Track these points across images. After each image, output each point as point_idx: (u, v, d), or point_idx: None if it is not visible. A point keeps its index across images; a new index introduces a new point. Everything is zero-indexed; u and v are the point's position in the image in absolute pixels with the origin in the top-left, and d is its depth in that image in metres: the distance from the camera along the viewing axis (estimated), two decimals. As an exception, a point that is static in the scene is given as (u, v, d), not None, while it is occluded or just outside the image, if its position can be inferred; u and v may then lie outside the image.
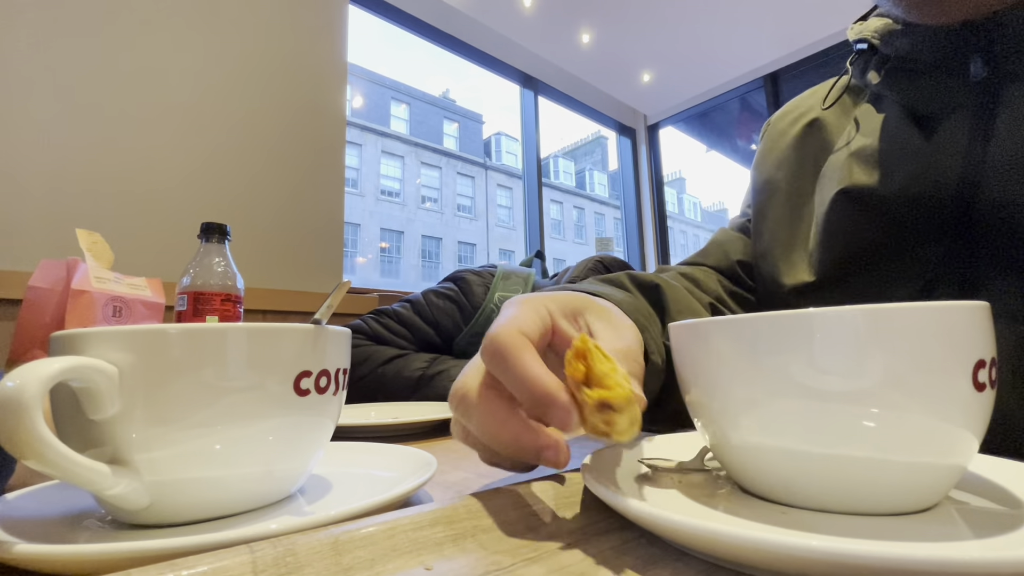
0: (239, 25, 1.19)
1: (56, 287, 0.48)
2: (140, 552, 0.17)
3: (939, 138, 0.33)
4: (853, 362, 0.18)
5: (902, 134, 0.35)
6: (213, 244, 0.59)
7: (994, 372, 0.19)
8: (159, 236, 1.01)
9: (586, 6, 2.85)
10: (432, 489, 0.30)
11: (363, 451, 0.34)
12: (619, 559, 0.19)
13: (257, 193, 1.17)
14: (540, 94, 3.32)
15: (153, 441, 0.21)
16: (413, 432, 0.53)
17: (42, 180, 0.91)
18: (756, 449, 0.21)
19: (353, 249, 14.69)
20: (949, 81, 0.34)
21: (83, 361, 0.19)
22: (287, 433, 0.24)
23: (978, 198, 0.31)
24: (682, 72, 3.46)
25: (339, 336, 0.26)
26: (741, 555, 0.16)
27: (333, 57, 1.35)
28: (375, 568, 0.18)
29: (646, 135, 3.98)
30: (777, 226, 0.46)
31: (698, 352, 0.23)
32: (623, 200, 4.00)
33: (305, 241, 1.24)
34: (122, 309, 0.52)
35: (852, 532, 0.18)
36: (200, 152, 1.10)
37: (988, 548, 0.16)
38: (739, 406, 0.21)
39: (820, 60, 3.11)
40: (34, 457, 0.18)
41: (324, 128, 1.31)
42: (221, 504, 0.23)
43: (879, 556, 0.14)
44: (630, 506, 0.19)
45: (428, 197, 16.99)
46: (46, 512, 0.24)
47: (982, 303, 0.19)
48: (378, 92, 17.17)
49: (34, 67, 0.92)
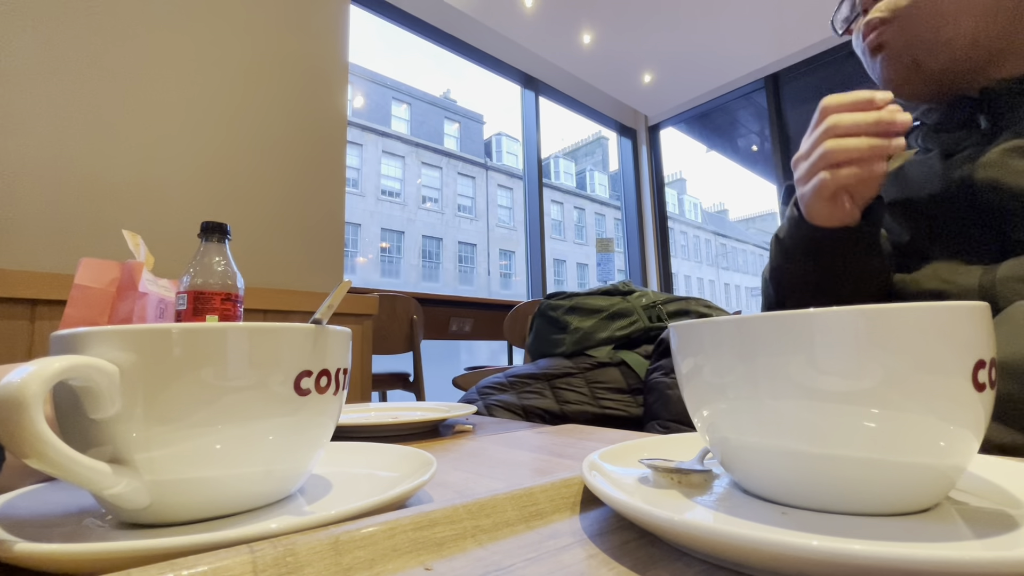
0: (240, 25, 1.19)
1: (110, 288, 0.49)
2: (140, 552, 0.17)
3: (957, 162, 0.51)
4: (853, 362, 0.18)
5: (939, 164, 0.53)
6: (213, 243, 0.58)
7: (994, 372, 0.19)
8: (159, 235, 1.01)
9: (587, 7, 2.85)
10: (432, 489, 0.30)
11: (363, 451, 0.34)
12: (619, 559, 0.19)
13: (257, 192, 1.17)
14: (541, 95, 3.33)
15: (153, 440, 0.21)
16: (413, 432, 0.53)
17: (42, 179, 0.91)
18: (756, 449, 0.21)
19: (353, 249, 14.70)
20: (965, 133, 0.52)
21: (84, 360, 0.19)
22: (287, 433, 0.24)
23: (976, 192, 0.48)
24: (683, 73, 3.46)
25: (339, 336, 0.26)
26: (741, 555, 0.16)
27: (334, 57, 1.35)
28: (375, 568, 0.18)
29: (647, 136, 3.98)
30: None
31: (698, 352, 0.23)
32: (624, 201, 4.00)
33: (305, 241, 1.24)
34: (164, 311, 0.54)
35: (852, 532, 0.18)
36: (200, 151, 1.10)
37: (988, 548, 0.16)
38: (739, 406, 0.21)
39: (821, 61, 3.11)
40: (35, 456, 0.18)
41: (325, 128, 1.31)
42: (221, 504, 0.23)
43: (879, 556, 0.14)
44: (630, 506, 0.19)
45: (429, 197, 17.00)
46: (46, 511, 0.24)
47: (982, 303, 0.19)
48: (379, 92, 17.18)
49: (34, 67, 0.92)
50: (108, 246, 0.95)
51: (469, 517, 0.21)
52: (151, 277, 0.53)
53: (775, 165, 3.25)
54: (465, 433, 0.53)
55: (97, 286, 0.49)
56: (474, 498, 0.22)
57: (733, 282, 28.34)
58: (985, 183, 0.46)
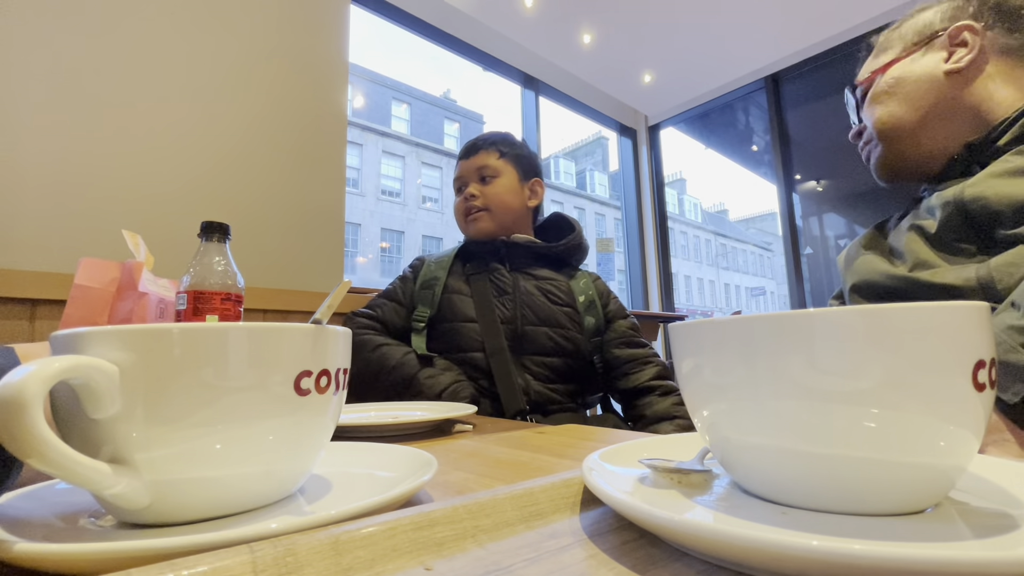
0: (240, 25, 1.19)
1: (109, 288, 0.49)
2: (140, 552, 0.17)
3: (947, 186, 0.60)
4: (853, 362, 0.18)
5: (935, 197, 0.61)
6: (213, 243, 0.58)
7: (994, 372, 0.19)
8: (159, 235, 1.01)
9: (587, 6, 2.85)
10: (432, 489, 0.30)
11: (363, 451, 0.34)
12: (619, 559, 0.19)
13: (258, 192, 1.17)
14: (541, 94, 3.32)
15: (153, 440, 0.21)
16: (413, 432, 0.53)
17: (42, 180, 0.91)
18: (756, 449, 0.21)
19: (353, 249, 14.69)
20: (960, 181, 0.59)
21: (84, 360, 0.19)
22: (287, 433, 0.24)
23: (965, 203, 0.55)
24: (683, 73, 3.46)
25: (339, 336, 0.26)
26: (741, 555, 0.16)
27: (334, 57, 1.35)
28: (375, 568, 0.18)
29: (647, 136, 3.97)
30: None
31: (698, 352, 0.23)
32: (624, 201, 4.00)
33: (305, 241, 1.24)
34: (163, 310, 0.53)
35: (852, 532, 0.18)
36: (201, 151, 1.10)
37: (988, 548, 0.16)
38: (739, 406, 0.21)
39: (822, 61, 3.11)
40: (35, 456, 0.18)
41: (325, 128, 1.31)
42: (221, 504, 0.23)
43: (879, 556, 0.14)
44: (630, 506, 0.19)
45: (429, 197, 16.99)
46: (46, 512, 0.24)
47: (982, 303, 0.19)
48: (379, 92, 17.17)
49: (35, 66, 0.92)
50: (108, 246, 0.95)
51: (469, 517, 0.21)
52: (151, 277, 0.53)
53: (775, 165, 3.25)
54: (465, 433, 0.53)
55: (97, 286, 0.49)
56: (474, 498, 0.22)
57: (733, 282, 28.33)
58: (972, 197, 0.54)
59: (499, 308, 0.96)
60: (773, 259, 29.20)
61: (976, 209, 0.54)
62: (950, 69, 0.61)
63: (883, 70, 0.67)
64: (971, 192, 0.54)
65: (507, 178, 1.06)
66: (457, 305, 0.97)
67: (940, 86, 0.62)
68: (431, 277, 1.02)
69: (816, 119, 3.22)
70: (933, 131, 0.63)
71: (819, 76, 3.18)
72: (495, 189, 1.04)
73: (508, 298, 0.97)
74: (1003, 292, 0.48)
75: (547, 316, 0.96)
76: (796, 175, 3.24)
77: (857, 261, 0.66)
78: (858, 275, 0.65)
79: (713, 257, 28.22)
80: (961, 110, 0.61)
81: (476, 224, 1.04)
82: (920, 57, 0.64)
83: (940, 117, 0.62)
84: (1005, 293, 0.48)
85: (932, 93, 0.62)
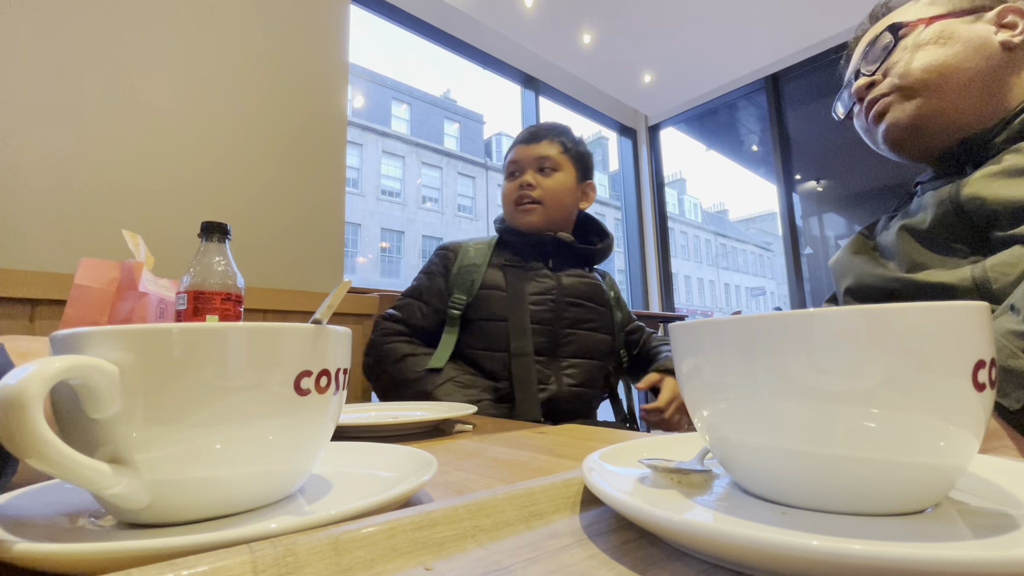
0: (240, 25, 1.19)
1: (109, 288, 0.49)
2: (140, 552, 0.17)
3: (944, 184, 0.60)
4: (853, 362, 0.18)
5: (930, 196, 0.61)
6: (213, 243, 0.58)
7: (994, 372, 0.19)
8: (159, 235, 1.01)
9: (587, 7, 2.85)
10: (432, 489, 0.30)
11: (363, 451, 0.34)
12: (619, 559, 0.19)
13: (258, 192, 1.17)
14: (541, 94, 3.32)
15: (153, 440, 0.21)
16: (413, 432, 0.53)
17: (42, 180, 0.91)
18: (756, 449, 0.21)
19: (353, 249, 14.70)
20: (954, 179, 0.60)
21: (84, 360, 0.19)
22: (287, 433, 0.24)
23: (962, 203, 0.55)
24: (683, 73, 3.46)
25: (339, 336, 0.26)
26: (741, 555, 0.16)
27: (334, 57, 1.35)
28: (375, 568, 0.18)
29: (647, 136, 3.98)
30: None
31: (698, 352, 0.23)
32: (624, 201, 4.00)
33: (306, 241, 1.23)
34: (164, 310, 0.53)
35: (852, 532, 0.18)
36: (201, 151, 1.10)
37: (988, 548, 0.16)
38: (739, 406, 0.21)
39: (821, 61, 3.11)
40: (35, 456, 0.18)
41: (325, 128, 1.31)
42: (221, 504, 0.23)
43: (879, 556, 0.14)
44: (630, 506, 0.19)
45: (429, 197, 16.99)
46: (46, 511, 0.24)
47: (982, 303, 0.19)
48: (379, 92, 17.17)
49: (34, 65, 0.92)
50: (108, 246, 0.95)
51: (469, 517, 0.21)
52: (151, 277, 0.53)
53: (775, 165, 3.25)
54: (465, 433, 0.53)
55: (97, 286, 0.49)
56: (474, 498, 0.22)
57: (733, 282, 28.32)
58: (968, 197, 0.54)
59: (536, 309, 0.93)
60: (773, 259, 29.20)
61: (972, 209, 0.53)
62: (1006, 40, 0.58)
63: (930, 21, 0.63)
64: (967, 191, 0.54)
65: (566, 174, 1.02)
66: (491, 302, 0.95)
67: (992, 55, 0.59)
68: (470, 264, 0.99)
69: (816, 119, 3.22)
70: (972, 99, 0.60)
71: (819, 76, 3.18)
72: (553, 183, 1.01)
73: (550, 298, 0.95)
74: (998, 292, 0.48)
75: (588, 317, 0.96)
76: (796, 175, 3.25)
77: (848, 265, 0.66)
78: (852, 278, 0.65)
79: (713, 257, 28.22)
80: (1000, 91, 0.59)
81: (527, 216, 1.00)
82: (971, 22, 0.61)
83: (983, 88, 0.59)
84: (1000, 293, 0.48)
85: (984, 60, 0.59)
